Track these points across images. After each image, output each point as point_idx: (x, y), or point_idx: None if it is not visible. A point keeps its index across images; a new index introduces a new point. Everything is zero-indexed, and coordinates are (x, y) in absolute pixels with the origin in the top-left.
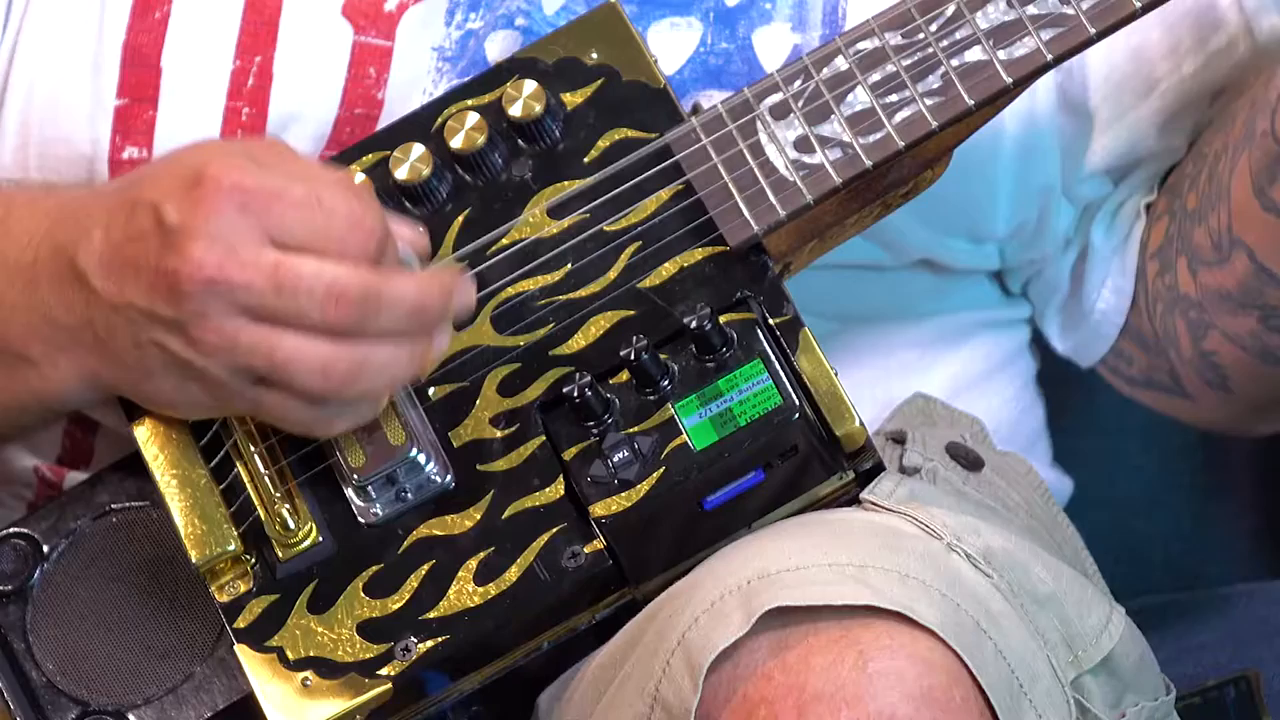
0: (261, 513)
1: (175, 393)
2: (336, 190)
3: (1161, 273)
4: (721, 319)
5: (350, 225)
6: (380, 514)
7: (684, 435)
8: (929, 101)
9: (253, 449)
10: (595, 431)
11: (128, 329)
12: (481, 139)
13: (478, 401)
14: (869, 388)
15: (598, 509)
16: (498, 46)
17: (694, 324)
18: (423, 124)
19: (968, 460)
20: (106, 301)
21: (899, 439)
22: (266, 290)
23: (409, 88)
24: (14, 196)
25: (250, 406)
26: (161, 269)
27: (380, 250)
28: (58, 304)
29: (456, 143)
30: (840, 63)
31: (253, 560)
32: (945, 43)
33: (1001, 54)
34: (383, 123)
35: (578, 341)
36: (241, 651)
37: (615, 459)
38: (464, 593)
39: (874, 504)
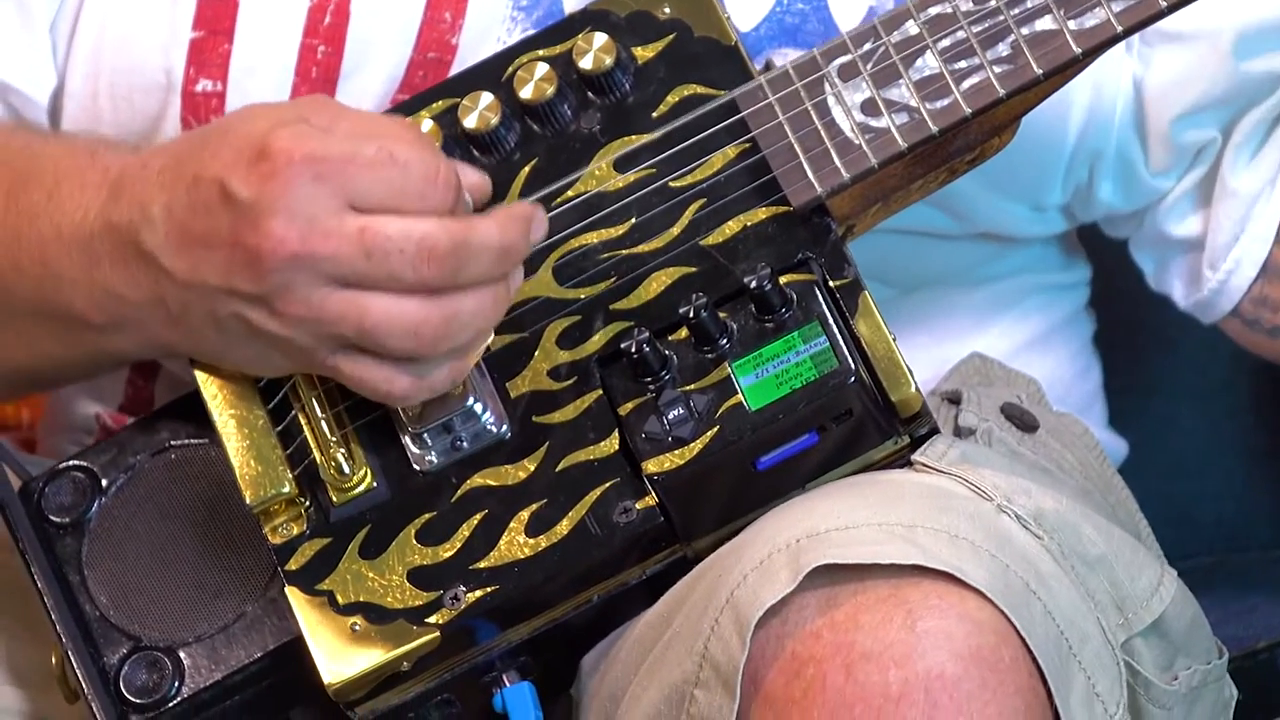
0: (317, 456)
1: (255, 360)
2: (406, 144)
3: None
4: (782, 279)
5: (426, 178)
6: (435, 462)
7: (740, 395)
8: (997, 69)
9: (311, 392)
10: (652, 387)
11: (204, 304)
12: (551, 90)
13: (536, 353)
14: (926, 349)
15: (651, 465)
16: (574, 1)
17: (754, 284)
18: (492, 73)
19: (1022, 422)
20: (179, 280)
21: (954, 399)
22: (355, 257)
23: (483, 35)
24: (60, 162)
25: (330, 371)
26: (240, 245)
27: (458, 199)
28: (123, 282)
29: (526, 93)
30: (911, 27)
31: (307, 503)
32: (1016, 10)
33: (1072, 24)
34: (455, 68)
35: (638, 296)
36: (292, 594)
37: (670, 416)
38: (515, 544)
39: (925, 465)
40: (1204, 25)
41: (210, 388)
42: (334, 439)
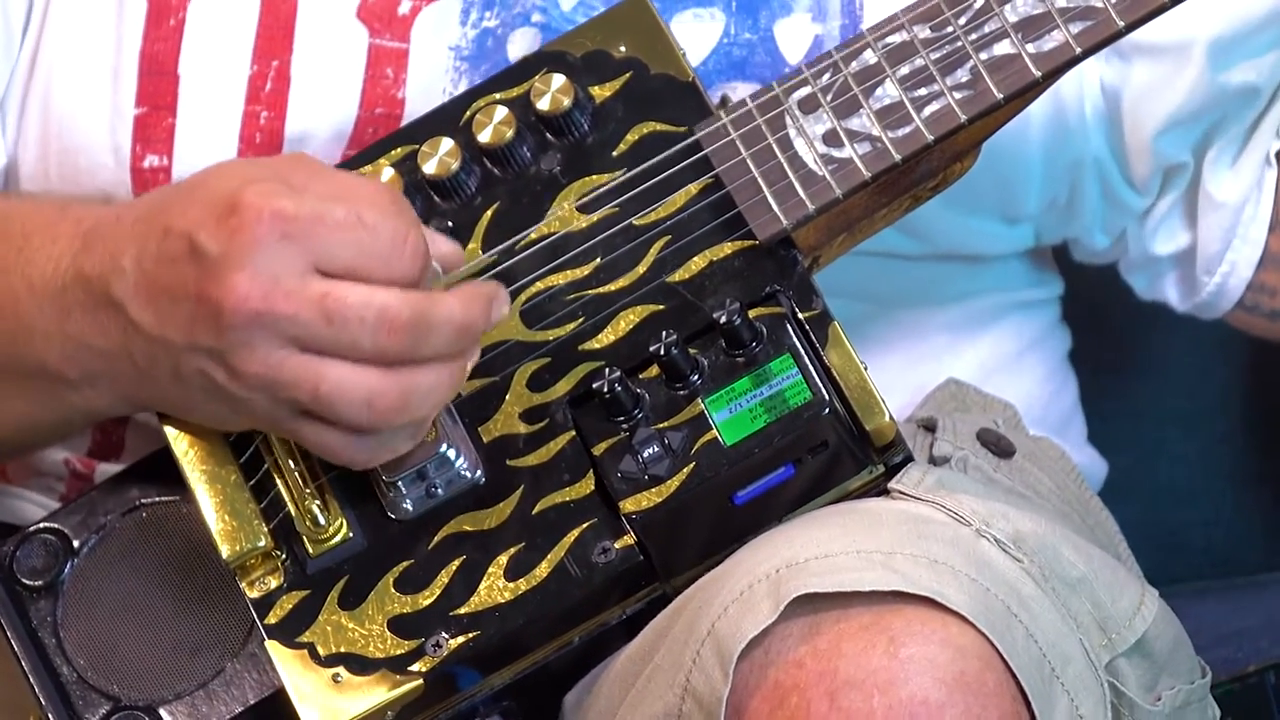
0: (292, 508)
1: (220, 417)
2: (378, 209)
3: None
4: (751, 313)
5: (394, 244)
6: (411, 510)
7: (714, 430)
8: (958, 95)
9: (283, 445)
10: (625, 426)
11: (169, 358)
12: (510, 133)
13: (507, 397)
14: (900, 373)
15: (628, 504)
16: (519, 45)
17: (723, 319)
18: (451, 118)
19: (998, 447)
20: (145, 332)
21: (930, 426)
22: (316, 320)
23: (428, 88)
24: (30, 218)
25: (291, 434)
26: (204, 298)
27: (425, 267)
28: (92, 332)
29: (485, 137)
30: (869, 56)
31: (283, 556)
32: (974, 36)
33: (1030, 47)
34: (405, 122)
35: (607, 336)
36: (272, 647)
37: (645, 454)
38: (495, 588)
39: (902, 493)
40: (1176, 36)
41: (180, 444)
42: (308, 490)
